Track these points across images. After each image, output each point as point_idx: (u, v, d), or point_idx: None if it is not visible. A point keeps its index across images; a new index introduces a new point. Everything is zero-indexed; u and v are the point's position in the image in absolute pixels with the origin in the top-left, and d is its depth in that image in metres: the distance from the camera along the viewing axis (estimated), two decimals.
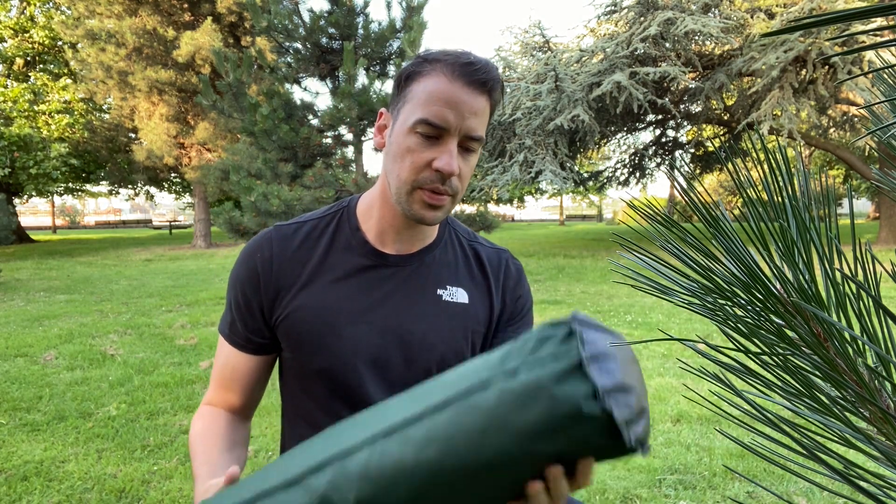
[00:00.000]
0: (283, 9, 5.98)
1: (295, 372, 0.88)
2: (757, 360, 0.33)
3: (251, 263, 0.87)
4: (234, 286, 0.89)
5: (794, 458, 0.32)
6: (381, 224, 0.87)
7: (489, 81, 0.79)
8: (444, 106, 0.76)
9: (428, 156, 0.78)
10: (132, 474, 2.35)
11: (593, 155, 16.69)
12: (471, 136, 0.79)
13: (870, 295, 0.29)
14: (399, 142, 0.80)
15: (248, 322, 0.88)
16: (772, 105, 10.50)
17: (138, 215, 51.97)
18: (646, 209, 0.37)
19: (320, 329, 0.83)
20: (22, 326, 5.24)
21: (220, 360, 0.92)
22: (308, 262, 0.87)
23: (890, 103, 0.36)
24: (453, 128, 0.77)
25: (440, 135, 0.77)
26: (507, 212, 43.30)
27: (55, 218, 33.64)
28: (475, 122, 0.78)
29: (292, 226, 0.90)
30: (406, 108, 0.80)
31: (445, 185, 0.79)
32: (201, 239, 15.66)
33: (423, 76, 0.79)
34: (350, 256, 0.87)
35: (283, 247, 0.87)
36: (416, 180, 0.78)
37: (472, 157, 0.82)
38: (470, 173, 0.83)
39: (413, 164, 0.78)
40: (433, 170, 0.78)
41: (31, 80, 17.82)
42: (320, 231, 0.90)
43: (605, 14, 12.63)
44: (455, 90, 0.77)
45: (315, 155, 6.09)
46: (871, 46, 0.25)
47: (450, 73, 0.77)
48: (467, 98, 0.77)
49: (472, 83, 0.77)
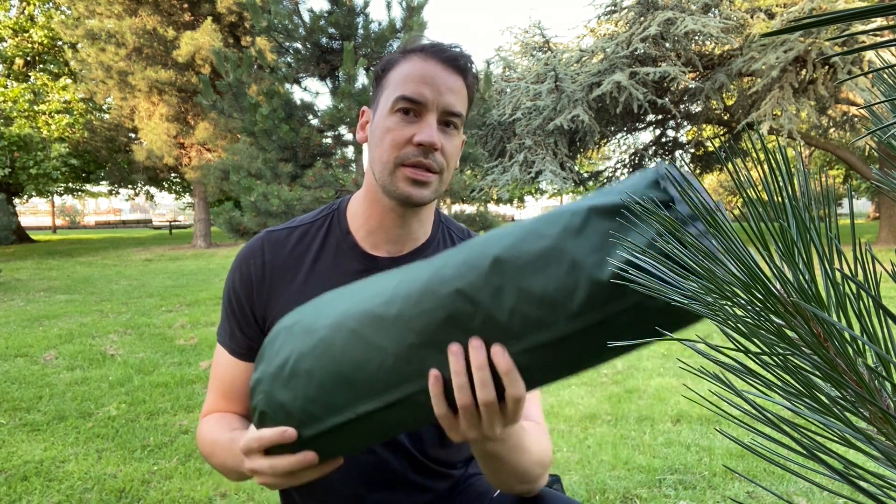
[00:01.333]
0: (283, 9, 5.97)
1: None
2: (757, 360, 0.33)
3: (245, 270, 0.87)
4: (229, 294, 0.89)
5: (794, 458, 0.32)
6: (369, 224, 0.87)
7: (462, 59, 0.80)
8: (420, 82, 0.77)
9: (408, 131, 0.78)
10: (132, 474, 2.35)
11: (593, 155, 16.69)
12: (449, 110, 0.79)
13: (870, 295, 0.29)
14: (380, 126, 0.80)
15: (245, 329, 0.87)
16: (772, 105, 10.50)
17: (138, 215, 51.96)
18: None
19: None
20: (22, 326, 5.24)
21: (219, 371, 0.90)
22: (300, 268, 0.86)
23: (890, 103, 0.36)
24: (431, 102, 0.78)
25: (419, 111, 0.78)
26: (507, 212, 43.30)
27: (55, 218, 33.64)
28: (452, 98, 0.79)
29: (283, 231, 0.90)
30: (384, 94, 0.81)
31: (429, 158, 0.78)
32: (201, 239, 15.65)
33: (399, 63, 0.81)
34: (340, 261, 0.86)
35: (274, 253, 0.87)
36: (399, 156, 0.78)
37: (454, 134, 0.82)
38: (455, 153, 0.83)
39: (393, 141, 0.78)
40: (415, 144, 0.77)
41: (31, 80, 17.82)
42: (311, 235, 0.89)
43: (605, 14, 12.63)
44: (430, 67, 0.78)
45: (315, 155, 6.09)
46: (871, 46, 0.25)
47: (423, 55, 0.79)
48: (443, 74, 0.79)
49: (445, 61, 0.79)
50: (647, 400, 3.16)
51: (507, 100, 12.06)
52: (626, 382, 3.47)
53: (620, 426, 2.79)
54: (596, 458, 2.43)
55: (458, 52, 0.81)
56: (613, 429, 2.76)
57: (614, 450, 2.51)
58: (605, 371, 3.75)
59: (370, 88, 6.50)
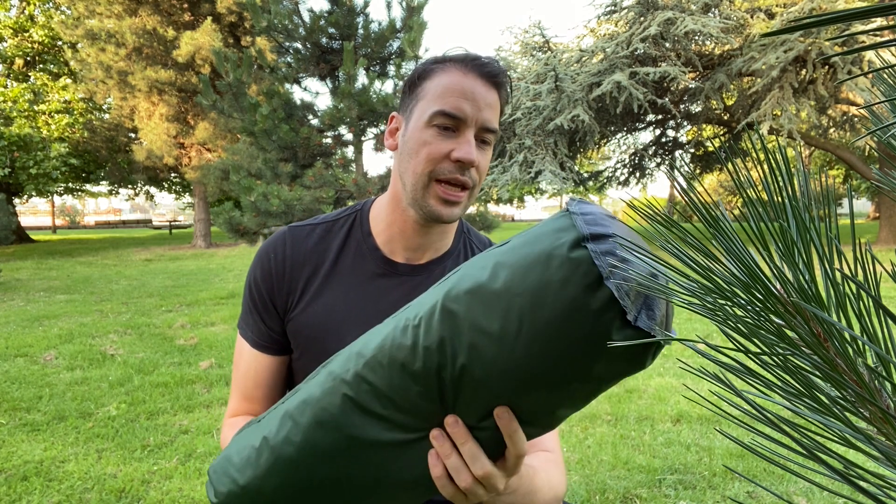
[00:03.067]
0: (283, 9, 5.97)
1: (300, 375, 0.88)
2: (757, 360, 0.33)
3: (266, 263, 0.87)
4: (251, 287, 0.89)
5: (794, 458, 0.32)
6: (390, 230, 0.86)
7: (500, 75, 0.80)
8: (460, 97, 0.77)
9: (446, 147, 0.77)
10: (132, 474, 2.35)
11: (593, 155, 16.69)
12: (487, 127, 0.79)
13: (870, 295, 0.29)
14: (415, 137, 0.79)
15: (268, 321, 0.87)
16: (772, 105, 10.50)
17: (138, 215, 51.95)
18: (646, 209, 0.37)
19: (325, 333, 0.83)
20: (22, 326, 5.24)
21: (242, 367, 0.90)
22: (320, 265, 0.86)
23: (890, 103, 0.36)
24: (470, 118, 0.77)
25: (457, 126, 0.77)
26: (507, 212, 43.30)
27: (55, 218, 33.63)
28: (490, 115, 0.79)
29: (306, 227, 0.90)
30: (420, 104, 0.80)
31: (465, 175, 0.78)
32: (201, 239, 15.65)
33: (436, 73, 0.80)
34: (360, 262, 0.86)
35: (295, 248, 0.87)
36: (434, 171, 0.78)
37: (487, 150, 0.81)
38: (486, 168, 0.82)
39: (430, 156, 0.77)
40: (452, 160, 0.77)
41: (31, 79, 17.82)
42: (333, 234, 0.89)
43: (605, 14, 12.63)
44: (470, 82, 0.78)
45: (315, 155, 6.09)
46: (871, 46, 0.25)
47: (463, 68, 0.79)
48: (482, 90, 0.78)
49: (484, 76, 0.79)
50: (647, 400, 3.16)
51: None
52: (626, 382, 3.47)
53: (620, 426, 2.79)
54: (596, 458, 2.43)
55: (498, 68, 0.80)
56: (613, 429, 2.76)
57: (614, 450, 2.51)
58: None
59: (370, 88, 6.48)
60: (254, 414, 0.91)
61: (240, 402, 0.91)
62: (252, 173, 6.04)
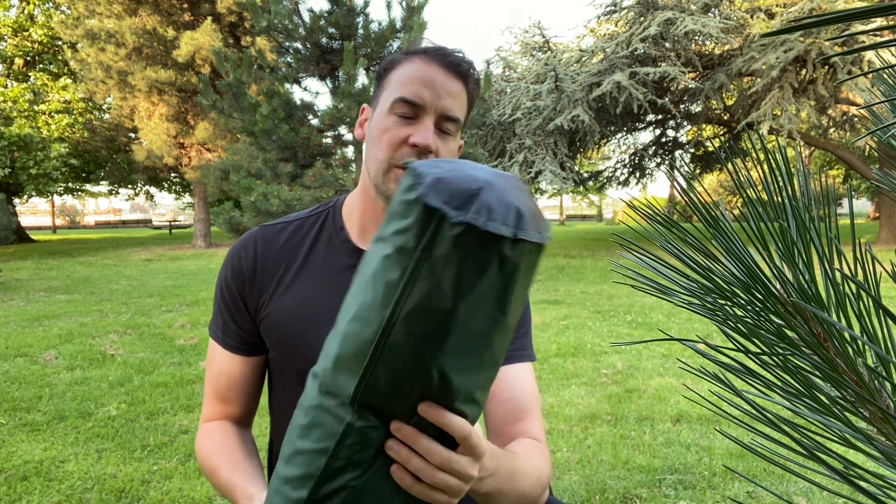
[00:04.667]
0: (283, 9, 5.97)
1: (278, 373, 0.88)
2: (757, 360, 0.33)
3: (237, 263, 0.87)
4: (221, 288, 0.89)
5: (794, 458, 0.32)
6: (362, 220, 0.87)
7: (464, 65, 0.81)
8: (419, 84, 0.78)
9: (405, 132, 0.78)
10: (132, 474, 2.35)
11: (593, 155, 16.70)
12: (447, 115, 0.79)
13: (870, 295, 0.29)
14: (377, 125, 0.81)
15: (239, 322, 0.87)
16: (772, 105, 10.51)
17: (138, 215, 51.96)
18: (646, 209, 0.37)
19: (299, 328, 0.83)
20: (22, 326, 5.24)
21: (214, 369, 0.91)
22: (292, 262, 0.87)
23: (890, 103, 0.36)
24: (429, 105, 0.78)
25: (417, 113, 0.78)
26: None
27: (55, 218, 33.64)
28: (451, 103, 0.79)
29: (277, 226, 0.90)
30: (384, 94, 0.82)
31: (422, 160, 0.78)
32: (201, 239, 15.66)
33: (401, 64, 0.81)
34: (333, 256, 0.87)
35: (266, 246, 0.88)
36: (393, 157, 0.78)
37: (450, 140, 0.81)
38: (451, 157, 0.82)
39: (389, 141, 0.78)
40: (410, 146, 0.78)
41: (31, 79, 17.83)
42: (305, 231, 0.89)
43: (605, 14, 12.63)
44: (430, 70, 0.79)
45: (315, 155, 6.09)
46: (871, 46, 0.25)
47: (426, 58, 0.80)
48: (443, 79, 0.79)
49: (447, 65, 0.79)
50: (647, 400, 3.16)
51: (507, 100, 12.07)
52: (626, 382, 3.47)
53: (620, 426, 2.79)
54: (596, 458, 2.43)
55: (461, 58, 0.81)
56: (613, 429, 2.76)
57: (614, 450, 2.51)
58: (604, 371, 3.75)
59: (370, 88, 6.52)
60: (228, 416, 0.91)
61: (214, 404, 0.91)
62: (252, 173, 6.05)
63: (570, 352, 4.27)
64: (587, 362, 3.98)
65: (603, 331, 5.00)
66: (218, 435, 0.88)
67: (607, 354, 4.16)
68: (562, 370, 3.79)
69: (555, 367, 3.86)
